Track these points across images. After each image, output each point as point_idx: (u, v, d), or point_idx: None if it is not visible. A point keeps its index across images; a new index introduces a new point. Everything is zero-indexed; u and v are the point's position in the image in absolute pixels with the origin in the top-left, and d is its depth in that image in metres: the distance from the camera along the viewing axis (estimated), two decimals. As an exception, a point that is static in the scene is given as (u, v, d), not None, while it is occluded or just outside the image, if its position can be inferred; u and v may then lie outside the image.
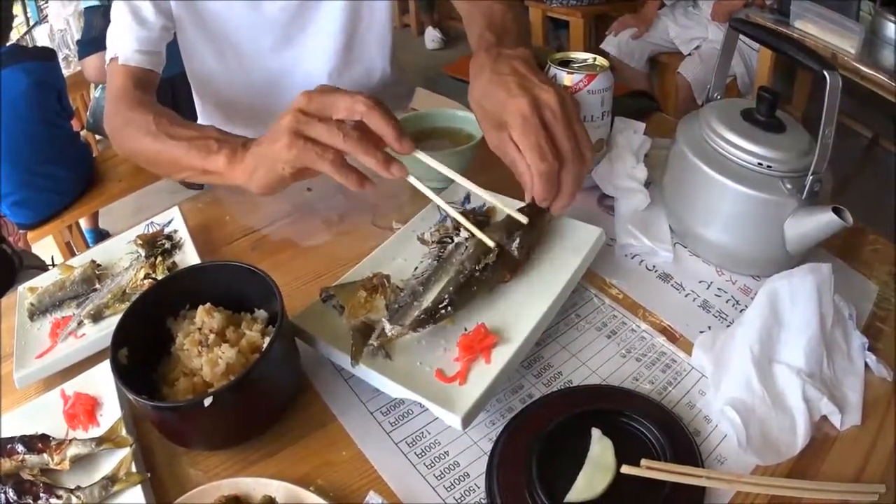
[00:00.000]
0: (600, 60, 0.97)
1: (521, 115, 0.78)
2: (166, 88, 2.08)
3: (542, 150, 0.77)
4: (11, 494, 0.68)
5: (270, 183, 0.90)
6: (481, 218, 0.89)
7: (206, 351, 0.73)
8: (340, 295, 0.80)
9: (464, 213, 0.86)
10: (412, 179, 0.82)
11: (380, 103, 0.82)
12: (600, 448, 0.65)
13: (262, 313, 0.79)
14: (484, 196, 0.85)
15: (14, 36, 4.76)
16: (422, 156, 0.83)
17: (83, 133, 3.10)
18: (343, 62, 1.37)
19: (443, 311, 0.75)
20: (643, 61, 3.63)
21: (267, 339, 0.74)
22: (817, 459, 0.68)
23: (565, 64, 0.96)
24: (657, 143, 1.02)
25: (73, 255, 2.84)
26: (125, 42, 1.21)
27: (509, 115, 0.80)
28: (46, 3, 5.79)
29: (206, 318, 0.76)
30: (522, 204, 0.88)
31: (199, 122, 1.52)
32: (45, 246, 2.84)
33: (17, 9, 5.76)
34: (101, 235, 3.42)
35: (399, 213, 1.00)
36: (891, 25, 2.53)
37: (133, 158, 1.16)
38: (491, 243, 0.80)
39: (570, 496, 0.61)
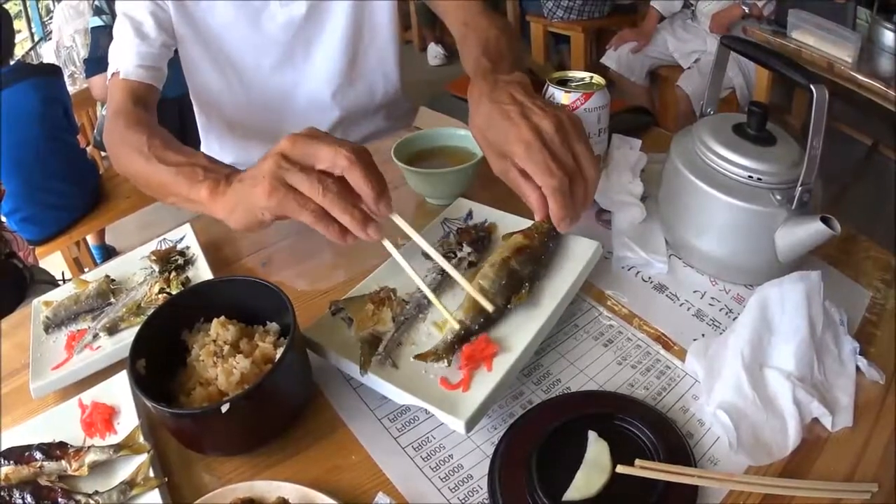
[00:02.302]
0: (597, 79, 0.99)
1: (523, 142, 0.80)
2: (173, 109, 2.08)
3: (549, 167, 0.79)
4: (30, 500, 0.69)
5: (249, 224, 0.89)
6: (482, 234, 0.92)
7: (221, 361, 0.75)
8: (349, 308, 0.82)
9: (465, 229, 0.88)
10: (386, 243, 0.81)
11: (362, 158, 0.79)
12: (596, 449, 0.67)
13: (273, 326, 0.81)
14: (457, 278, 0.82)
15: (18, 51, 4.78)
16: (398, 220, 0.81)
17: (89, 150, 3.13)
18: (346, 81, 1.39)
19: (472, 338, 0.78)
20: (643, 75, 3.65)
21: (279, 351, 0.76)
22: (809, 460, 0.69)
23: (563, 83, 0.98)
24: (653, 159, 1.05)
25: (81, 270, 2.86)
26: (126, 57, 1.22)
27: (512, 144, 0.81)
28: (51, 19, 5.83)
29: (220, 330, 0.78)
30: (527, 223, 0.91)
31: (202, 140, 1.53)
32: (52, 261, 2.86)
33: (21, 24, 5.81)
34: (107, 251, 3.44)
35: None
36: (887, 33, 2.54)
37: (128, 177, 1.15)
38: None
39: (568, 495, 0.63)
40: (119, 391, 0.80)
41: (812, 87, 0.76)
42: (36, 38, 5.94)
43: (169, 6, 1.26)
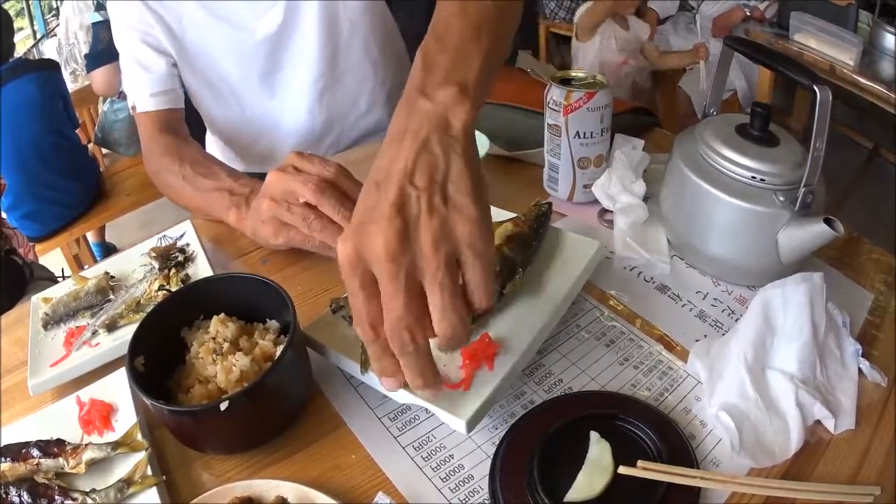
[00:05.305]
0: (600, 78, 0.99)
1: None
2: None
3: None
4: (26, 497, 0.69)
5: (269, 247, 0.97)
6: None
7: (221, 359, 0.75)
8: (350, 306, 0.81)
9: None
10: None
11: (330, 186, 0.84)
12: (598, 450, 0.66)
13: (273, 324, 0.81)
14: None
15: (21, 49, 4.77)
16: None
17: (90, 147, 3.12)
18: (331, 79, 1.37)
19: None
20: (645, 76, 3.64)
21: (279, 349, 0.76)
22: (812, 462, 0.69)
23: (566, 82, 0.98)
24: (656, 159, 1.04)
25: (81, 267, 2.86)
26: (138, 90, 1.26)
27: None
28: (54, 16, 5.82)
29: (220, 327, 0.78)
30: (512, 216, 0.91)
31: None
32: (52, 258, 2.85)
33: (23, 22, 5.81)
34: (107, 249, 3.43)
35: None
36: (889, 36, 2.55)
37: (173, 202, 1.24)
38: None
39: (570, 496, 0.63)
40: (117, 388, 0.80)
41: (816, 87, 0.76)
42: (38, 36, 5.94)
43: (158, 31, 1.26)
